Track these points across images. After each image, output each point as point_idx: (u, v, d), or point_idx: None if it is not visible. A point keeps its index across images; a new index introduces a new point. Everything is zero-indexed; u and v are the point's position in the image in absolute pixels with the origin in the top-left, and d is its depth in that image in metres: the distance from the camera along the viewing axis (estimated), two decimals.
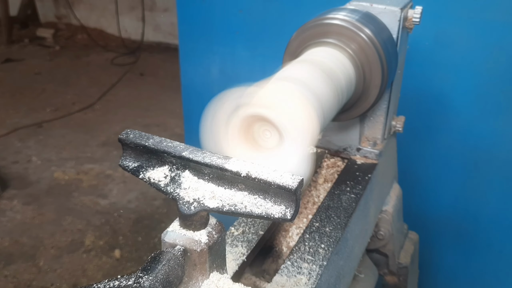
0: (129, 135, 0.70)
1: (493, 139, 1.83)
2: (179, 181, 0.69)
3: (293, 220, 0.64)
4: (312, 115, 0.79)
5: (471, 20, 1.70)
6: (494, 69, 1.73)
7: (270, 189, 0.63)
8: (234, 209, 0.65)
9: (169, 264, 0.63)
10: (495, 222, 1.97)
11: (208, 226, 0.68)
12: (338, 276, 0.96)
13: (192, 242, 0.66)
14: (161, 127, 4.46)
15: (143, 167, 0.71)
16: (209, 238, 0.67)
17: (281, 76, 0.89)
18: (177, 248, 0.66)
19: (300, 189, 0.62)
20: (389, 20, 1.12)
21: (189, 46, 2.33)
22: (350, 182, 1.13)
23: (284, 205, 0.63)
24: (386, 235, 1.32)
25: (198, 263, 0.67)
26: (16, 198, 3.46)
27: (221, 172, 0.65)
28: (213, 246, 0.68)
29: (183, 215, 0.66)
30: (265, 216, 0.63)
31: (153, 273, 0.60)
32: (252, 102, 0.77)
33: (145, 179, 0.70)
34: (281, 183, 0.61)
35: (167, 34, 6.41)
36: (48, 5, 7.08)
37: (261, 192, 0.65)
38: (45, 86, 5.31)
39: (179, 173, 0.70)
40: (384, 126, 1.25)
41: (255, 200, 0.65)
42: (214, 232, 0.68)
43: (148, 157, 0.71)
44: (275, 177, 0.62)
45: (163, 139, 0.70)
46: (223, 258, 0.70)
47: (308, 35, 1.06)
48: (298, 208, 0.63)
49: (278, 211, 0.63)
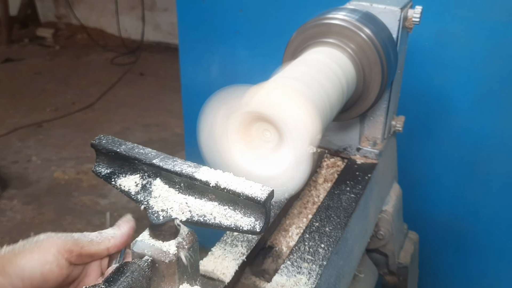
0: (101, 141, 0.69)
1: (493, 139, 1.83)
2: (149, 189, 0.67)
3: (262, 233, 0.62)
4: (312, 115, 0.79)
5: (471, 20, 1.70)
6: (494, 69, 1.73)
7: (240, 200, 0.61)
8: (203, 220, 0.64)
9: (133, 275, 0.62)
10: (495, 222, 1.97)
11: (179, 236, 0.66)
12: (338, 276, 0.96)
13: (161, 252, 0.64)
14: (161, 127, 4.46)
15: (116, 173, 0.70)
16: (178, 248, 0.65)
17: (281, 76, 0.90)
18: (144, 259, 0.64)
19: (269, 201, 0.60)
20: (389, 20, 1.12)
21: (189, 46, 2.33)
22: (350, 182, 1.13)
23: (254, 217, 0.62)
24: (386, 235, 1.32)
25: (166, 274, 0.65)
26: (16, 198, 3.46)
27: (191, 181, 0.63)
28: (181, 258, 0.65)
29: (152, 225, 0.65)
30: (234, 228, 0.62)
31: (115, 285, 0.59)
32: (252, 101, 0.77)
33: (116, 186, 0.69)
34: (250, 194, 0.59)
35: (167, 34, 6.41)
36: (48, 5, 7.07)
37: (231, 203, 0.63)
38: (45, 86, 5.31)
39: (150, 181, 0.68)
40: (384, 126, 1.25)
41: (225, 211, 0.63)
42: (185, 242, 0.66)
43: (121, 164, 0.69)
44: (244, 188, 0.60)
45: (136, 146, 0.68)
46: (195, 269, 0.68)
47: (308, 35, 1.06)
48: (268, 220, 0.61)
49: (247, 223, 0.61)
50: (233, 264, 0.85)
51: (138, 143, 0.69)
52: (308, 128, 0.77)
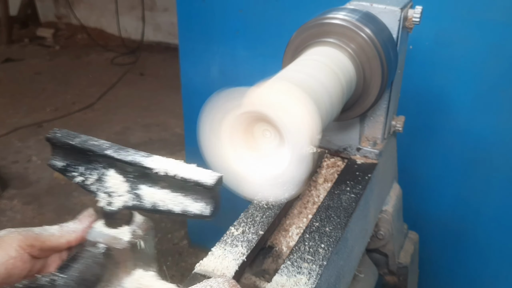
0: (56, 134, 0.70)
1: (493, 139, 1.83)
2: (103, 179, 0.69)
3: (213, 217, 0.64)
4: (312, 115, 0.79)
5: (471, 20, 1.70)
6: (494, 69, 1.73)
7: (190, 186, 0.63)
8: (154, 207, 0.66)
9: (86, 262, 0.64)
10: (495, 222, 1.97)
11: (133, 224, 0.69)
12: (338, 276, 0.96)
13: (114, 240, 0.67)
14: (161, 127, 4.46)
15: (71, 166, 0.71)
16: (132, 236, 0.67)
17: (281, 76, 0.90)
18: (98, 246, 0.67)
19: (218, 186, 0.62)
20: (389, 20, 1.12)
21: (189, 46, 2.33)
22: (350, 182, 1.13)
23: (204, 202, 0.64)
24: (386, 235, 1.32)
25: (121, 261, 0.67)
26: (16, 198, 3.46)
27: (143, 170, 0.66)
28: (136, 245, 0.68)
29: (105, 213, 0.68)
30: (185, 213, 0.64)
31: (68, 272, 0.62)
32: (252, 101, 0.77)
33: (71, 178, 0.71)
34: (199, 180, 0.62)
35: (167, 34, 6.41)
36: (48, 5, 7.07)
37: (182, 190, 0.65)
38: (45, 86, 5.31)
39: (104, 172, 0.70)
40: (384, 126, 1.25)
41: (176, 198, 0.65)
42: (139, 230, 0.69)
43: (76, 156, 0.71)
44: (193, 174, 0.62)
45: (90, 138, 0.70)
46: (150, 255, 0.71)
47: (308, 34, 1.06)
48: (218, 205, 0.63)
49: (198, 208, 0.64)
50: (233, 264, 0.85)
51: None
52: (308, 128, 0.77)
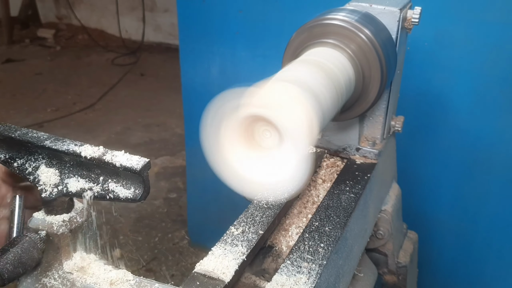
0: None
1: (492, 139, 1.84)
2: (43, 169, 0.74)
3: (143, 200, 0.70)
4: (311, 115, 0.80)
5: (470, 20, 1.70)
6: (493, 69, 1.73)
7: (120, 172, 0.69)
8: (88, 194, 0.71)
9: (23, 246, 0.69)
10: (494, 222, 1.97)
11: (73, 211, 0.74)
12: (338, 275, 0.96)
13: (53, 226, 0.72)
14: (162, 127, 4.46)
15: (13, 158, 0.77)
16: (71, 222, 0.73)
17: (281, 76, 0.90)
18: (39, 233, 0.72)
19: (146, 171, 0.68)
20: (388, 20, 1.13)
21: (189, 47, 2.33)
22: (350, 181, 1.14)
23: (133, 187, 0.69)
24: (386, 235, 1.33)
25: (61, 246, 0.73)
26: None
27: (77, 158, 0.71)
28: (76, 230, 0.73)
29: (44, 201, 0.73)
30: (116, 198, 0.70)
31: (5, 255, 0.67)
32: (252, 102, 0.78)
33: (13, 169, 0.76)
34: (128, 165, 0.67)
35: (167, 34, 6.42)
36: (48, 5, 7.08)
37: (114, 175, 0.70)
38: (46, 86, 5.32)
39: (43, 162, 0.75)
40: (383, 126, 1.26)
41: (109, 184, 0.71)
42: (78, 216, 0.74)
43: (18, 148, 0.76)
44: (122, 160, 0.68)
45: (30, 131, 0.76)
46: (93, 241, 0.76)
47: (308, 35, 1.06)
48: (147, 189, 0.69)
49: (128, 192, 0.69)
50: (233, 264, 0.86)
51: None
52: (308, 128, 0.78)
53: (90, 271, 0.74)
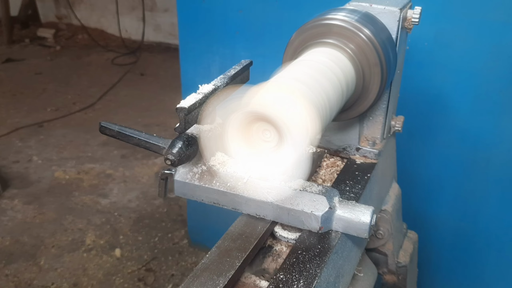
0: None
1: (492, 139, 1.84)
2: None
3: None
4: (312, 115, 0.80)
5: (470, 20, 1.70)
6: (493, 69, 1.73)
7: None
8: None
9: (186, 140, 0.89)
10: (494, 221, 1.97)
11: (215, 122, 0.94)
12: (338, 275, 0.96)
13: (202, 132, 0.91)
14: (162, 127, 4.47)
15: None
16: (213, 130, 0.92)
17: (281, 76, 0.90)
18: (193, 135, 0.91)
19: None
20: (388, 20, 1.13)
21: (189, 46, 2.33)
22: (350, 181, 1.14)
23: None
24: (386, 234, 1.33)
25: (204, 147, 0.91)
26: (17, 198, 3.47)
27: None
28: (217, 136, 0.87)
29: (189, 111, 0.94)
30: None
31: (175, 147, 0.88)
32: (252, 102, 0.78)
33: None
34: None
35: (167, 34, 6.42)
36: (48, 5, 7.08)
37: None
38: (45, 86, 5.32)
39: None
40: (383, 126, 1.26)
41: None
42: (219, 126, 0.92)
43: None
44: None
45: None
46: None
47: (308, 35, 1.06)
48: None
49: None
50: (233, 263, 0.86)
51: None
52: (308, 128, 0.78)
53: (228, 165, 0.93)
